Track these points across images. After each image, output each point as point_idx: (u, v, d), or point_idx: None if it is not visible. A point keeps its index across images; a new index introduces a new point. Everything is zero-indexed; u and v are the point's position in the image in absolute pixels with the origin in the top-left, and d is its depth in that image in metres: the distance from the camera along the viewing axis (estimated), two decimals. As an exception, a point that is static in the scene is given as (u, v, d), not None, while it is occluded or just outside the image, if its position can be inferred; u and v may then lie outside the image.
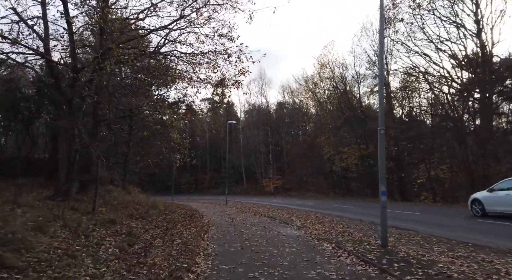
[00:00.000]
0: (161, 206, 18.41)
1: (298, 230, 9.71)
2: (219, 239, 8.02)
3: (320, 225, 10.76)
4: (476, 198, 12.38)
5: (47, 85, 11.28)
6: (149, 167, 21.99)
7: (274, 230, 9.68)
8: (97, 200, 11.49)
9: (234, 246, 7.06)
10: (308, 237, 8.35)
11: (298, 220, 12.58)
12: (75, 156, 10.19)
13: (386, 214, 6.68)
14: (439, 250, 6.47)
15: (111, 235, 7.17)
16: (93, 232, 6.86)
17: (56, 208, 8.16)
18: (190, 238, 7.86)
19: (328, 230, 9.59)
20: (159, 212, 14.95)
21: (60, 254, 4.90)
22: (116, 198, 12.71)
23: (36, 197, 9.29)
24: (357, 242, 7.39)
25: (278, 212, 16.86)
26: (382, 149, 6.77)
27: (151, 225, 10.44)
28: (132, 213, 11.34)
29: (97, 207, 9.94)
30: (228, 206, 22.24)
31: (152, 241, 7.55)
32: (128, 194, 15.55)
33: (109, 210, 10.47)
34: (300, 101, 50.20)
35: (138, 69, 15.42)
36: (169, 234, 8.65)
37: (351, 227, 10.27)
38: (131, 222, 9.71)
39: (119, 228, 8.18)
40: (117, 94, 12.33)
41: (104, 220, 8.36)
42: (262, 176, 49.75)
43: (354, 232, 8.99)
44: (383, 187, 6.72)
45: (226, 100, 67.46)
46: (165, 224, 10.81)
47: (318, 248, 6.92)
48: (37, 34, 10.38)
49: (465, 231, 9.27)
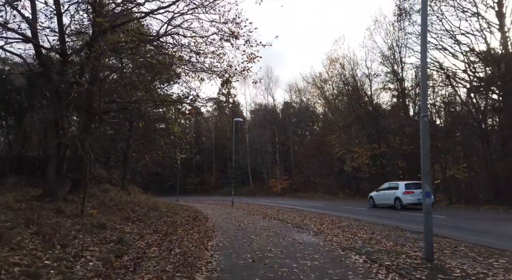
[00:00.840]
0: (163, 207, 17.29)
1: (316, 237, 8.46)
2: (225, 248, 6.82)
3: (339, 230, 9.49)
4: (370, 196, 19.34)
5: (35, 74, 10.20)
6: (151, 166, 20.83)
7: (288, 236, 8.44)
8: (91, 200, 10.40)
9: (244, 258, 5.85)
10: (329, 246, 7.10)
11: (312, 224, 11.33)
12: (65, 152, 9.08)
13: (431, 221, 5.40)
14: (501, 266, 5.17)
15: (97, 244, 6.01)
16: (74, 240, 5.71)
17: (38, 210, 7.05)
18: (191, 246, 6.67)
19: (350, 236, 8.33)
20: (160, 214, 13.83)
21: (16, 273, 3.75)
22: (113, 198, 11.60)
23: (18, 197, 8.19)
24: (392, 253, 6.11)
25: (289, 214, 15.61)
26: (426, 139, 5.49)
27: (149, 229, 9.28)
28: (128, 215, 10.20)
29: (88, 208, 8.83)
30: (235, 208, 21.05)
31: (146, 250, 6.37)
32: (127, 194, 14.45)
33: (102, 212, 9.35)
34: (308, 100, 48.86)
35: (141, 65, 14.41)
36: (167, 241, 7.47)
37: (375, 233, 8.98)
38: (126, 226, 8.55)
39: (109, 234, 7.03)
40: (113, 85, 11.20)
41: (92, 224, 7.22)
42: (269, 176, 48.50)
43: (382, 240, 7.71)
44: (427, 187, 5.45)
45: (232, 100, 66.72)
46: (165, 228, 9.64)
47: (346, 261, 5.67)
48: (23, 16, 9.33)
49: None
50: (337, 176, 38.89)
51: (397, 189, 17.11)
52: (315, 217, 14.13)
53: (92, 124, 10.88)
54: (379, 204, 18.21)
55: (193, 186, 58.64)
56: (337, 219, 13.06)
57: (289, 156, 50.49)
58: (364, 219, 13.03)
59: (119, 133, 17.87)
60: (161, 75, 16.19)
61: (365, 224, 11.37)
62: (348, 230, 9.52)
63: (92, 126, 8.76)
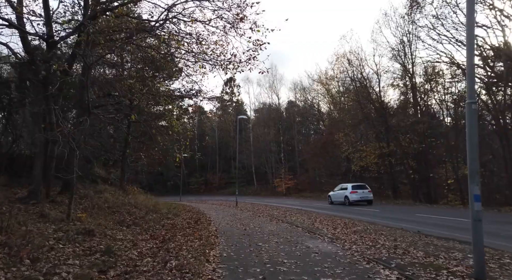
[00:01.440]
0: (163, 208, 16.41)
1: (332, 244, 7.49)
2: (230, 259, 5.88)
3: (357, 236, 8.52)
4: (329, 195, 23.91)
5: (23, 64, 9.33)
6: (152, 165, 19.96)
7: (301, 244, 7.48)
8: (83, 202, 9.53)
9: (252, 273, 4.91)
10: (351, 257, 6.12)
11: (325, 228, 10.36)
12: (53, 149, 8.20)
13: (481, 231, 4.41)
14: None
15: (79, 255, 5.10)
16: (50, 251, 4.80)
17: (11, 215, 6.16)
18: (191, 257, 5.74)
19: (371, 244, 7.35)
20: (159, 217, 12.93)
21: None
22: (108, 200, 10.71)
23: (0, 199, 7.32)
24: (429, 268, 5.12)
25: (297, 216, 14.65)
26: (474, 131, 4.50)
27: (145, 234, 8.37)
28: (123, 218, 9.30)
29: (77, 212, 7.94)
30: (239, 208, 20.13)
31: (138, 261, 5.46)
32: (125, 195, 13.57)
33: (93, 215, 8.46)
34: (313, 98, 47.80)
35: (140, 59, 13.55)
36: (164, 250, 6.54)
37: (398, 239, 7.99)
38: (119, 232, 7.64)
39: (97, 242, 6.11)
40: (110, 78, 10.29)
41: (78, 230, 6.31)
42: (273, 176, 47.61)
43: (410, 249, 6.72)
44: (475, 188, 4.46)
45: (236, 99, 65.81)
46: (163, 233, 8.72)
47: (376, 278, 4.70)
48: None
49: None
50: (344, 176, 37.86)
51: (346, 190, 21.73)
52: (326, 219, 13.17)
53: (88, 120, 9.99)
54: (335, 201, 22.89)
55: (197, 186, 57.97)
56: (350, 222, 12.08)
57: (294, 155, 49.56)
58: (378, 222, 12.03)
59: (118, 131, 17.03)
60: (162, 71, 15.36)
61: (381, 228, 10.38)
62: (366, 236, 8.55)
63: (81, 120, 7.86)
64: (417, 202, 24.91)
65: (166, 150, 13.28)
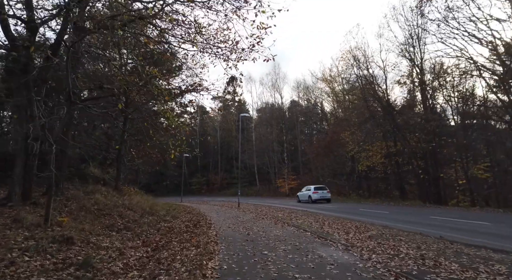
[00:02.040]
0: (162, 210, 15.54)
1: (348, 252, 6.56)
2: (231, 273, 4.97)
3: (374, 243, 7.58)
4: (297, 194, 28.81)
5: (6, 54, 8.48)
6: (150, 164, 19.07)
7: (313, 252, 6.55)
8: (69, 204, 8.64)
9: (258, 293, 4.00)
10: (373, 270, 5.19)
11: (336, 233, 9.42)
12: (33, 146, 7.32)
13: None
14: None
15: (47, 270, 4.20)
16: (10, 267, 3.91)
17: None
18: (184, 270, 4.83)
19: (393, 252, 6.42)
20: (156, 219, 12.05)
21: None
22: (99, 201, 9.82)
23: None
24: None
25: (303, 218, 13.71)
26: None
27: (137, 240, 7.48)
28: (114, 222, 8.41)
29: (59, 215, 7.06)
30: (241, 210, 19.21)
31: (120, 276, 4.56)
32: (120, 196, 12.69)
33: (80, 219, 7.57)
34: (316, 97, 46.84)
35: (140, 54, 12.69)
36: (154, 260, 5.64)
37: (422, 247, 7.05)
38: (106, 238, 6.75)
39: (75, 252, 5.22)
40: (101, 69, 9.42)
41: (54, 238, 5.42)
42: (276, 176, 46.65)
43: (440, 260, 5.78)
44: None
45: (238, 98, 64.89)
46: (157, 239, 7.83)
47: (413, 301, 3.76)
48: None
49: None
50: (348, 176, 36.82)
51: (310, 190, 26.56)
52: (334, 222, 12.24)
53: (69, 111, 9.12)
54: (302, 200, 27.33)
55: (199, 186, 57.17)
56: (361, 225, 11.14)
57: (297, 155, 48.61)
58: (391, 225, 11.08)
59: (115, 128, 16.16)
60: (161, 66, 14.52)
61: (398, 232, 9.45)
62: (384, 242, 7.61)
63: (62, 113, 6.99)
64: (426, 203, 23.91)
65: (163, 148, 12.36)
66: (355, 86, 32.51)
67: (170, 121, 7.81)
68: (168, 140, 7.97)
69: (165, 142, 7.74)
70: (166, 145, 7.90)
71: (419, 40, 24.96)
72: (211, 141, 63.61)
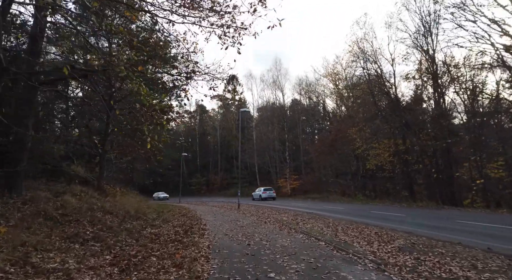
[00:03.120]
0: (153, 213, 13.86)
1: (381, 273, 4.87)
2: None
3: (410, 258, 5.89)
4: (252, 194, 35.74)
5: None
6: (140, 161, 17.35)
7: (336, 274, 4.86)
8: (24, 208, 6.95)
9: None
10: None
11: (355, 242, 7.72)
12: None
13: None
14: None
15: None
16: None
17: None
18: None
19: (445, 276, 4.73)
20: (142, 224, 10.36)
21: None
22: (68, 204, 8.12)
23: None
24: None
25: (311, 222, 12.02)
26: None
27: (105, 256, 5.79)
28: (80, 231, 6.70)
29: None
30: (241, 212, 17.52)
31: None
32: (101, 198, 11.01)
33: (32, 228, 5.88)
34: (319, 95, 45.11)
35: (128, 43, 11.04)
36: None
37: (478, 266, 5.36)
38: (59, 254, 5.06)
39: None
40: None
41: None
42: (277, 176, 44.98)
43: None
44: None
45: (238, 97, 63.18)
46: (133, 253, 6.12)
47: None
48: None
49: None
50: (353, 175, 35.11)
51: (260, 191, 33.67)
52: (349, 227, 10.53)
53: (34, 96, 7.44)
54: (255, 198, 33.96)
55: (198, 186, 55.61)
56: (382, 231, 9.43)
57: (299, 154, 46.90)
58: (415, 232, 9.35)
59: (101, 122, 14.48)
60: (155, 58, 12.90)
61: (431, 242, 7.74)
62: (425, 258, 5.91)
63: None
64: (439, 204, 22.19)
65: (145, 142, 10.73)
66: (360, 82, 30.79)
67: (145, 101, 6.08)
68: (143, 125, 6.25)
69: (150, 134, 6.22)
70: (149, 138, 6.17)
71: (430, 29, 23.27)
72: (211, 140, 61.99)
